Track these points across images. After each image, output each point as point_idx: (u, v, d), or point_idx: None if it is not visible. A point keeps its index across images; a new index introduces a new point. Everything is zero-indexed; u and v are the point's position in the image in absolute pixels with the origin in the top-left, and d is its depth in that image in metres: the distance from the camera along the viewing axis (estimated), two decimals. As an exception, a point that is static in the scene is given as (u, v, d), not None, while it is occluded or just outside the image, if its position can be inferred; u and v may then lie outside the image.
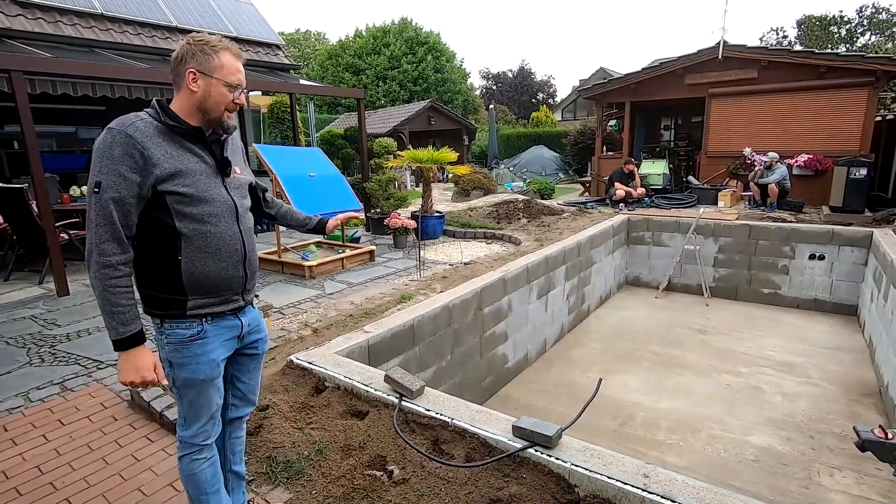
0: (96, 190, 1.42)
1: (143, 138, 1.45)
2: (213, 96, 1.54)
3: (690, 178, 10.63)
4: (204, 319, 1.60)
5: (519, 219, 8.38)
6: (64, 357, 3.47)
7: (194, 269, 1.54)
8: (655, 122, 13.72)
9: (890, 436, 1.15)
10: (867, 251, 6.67)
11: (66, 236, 5.55)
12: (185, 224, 1.52)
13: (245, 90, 1.65)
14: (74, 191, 6.59)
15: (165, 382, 1.56)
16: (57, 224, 5.03)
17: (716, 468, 3.93)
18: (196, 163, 1.56)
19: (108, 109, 8.23)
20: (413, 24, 27.90)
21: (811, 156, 8.95)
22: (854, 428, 1.25)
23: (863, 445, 1.20)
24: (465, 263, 5.74)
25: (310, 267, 5.39)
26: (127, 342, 1.47)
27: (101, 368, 3.29)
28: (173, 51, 1.59)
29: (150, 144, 1.46)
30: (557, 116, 28.37)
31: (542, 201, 10.14)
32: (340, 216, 2.20)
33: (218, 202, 1.59)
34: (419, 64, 26.31)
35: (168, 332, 1.56)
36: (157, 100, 1.56)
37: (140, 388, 1.61)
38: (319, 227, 2.10)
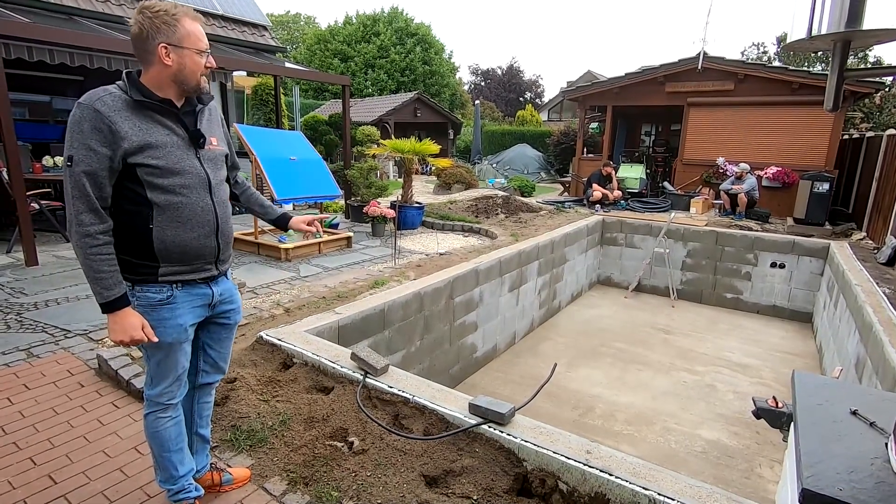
0: (69, 164, 1.48)
1: (111, 112, 1.49)
2: (188, 66, 1.57)
3: (666, 183, 10.92)
4: (174, 285, 1.66)
5: (497, 214, 8.52)
6: (31, 325, 3.46)
7: (165, 237, 1.59)
8: (636, 127, 14.02)
9: (780, 405, 1.31)
10: (824, 262, 7.01)
11: (36, 206, 5.47)
12: (156, 194, 1.56)
13: (208, 52, 1.64)
14: (47, 161, 6.47)
15: (156, 339, 1.63)
16: (28, 193, 4.96)
17: (666, 458, 4.14)
18: (167, 135, 1.59)
19: (86, 80, 8.06)
20: (404, 14, 27.77)
21: (779, 168, 9.31)
22: (752, 398, 1.40)
23: (757, 413, 1.36)
24: (441, 254, 5.85)
25: (286, 249, 5.42)
26: (111, 305, 1.55)
27: (68, 337, 3.30)
28: None
29: (117, 119, 1.49)
30: (543, 116, 28.64)
31: (522, 198, 10.31)
32: (310, 217, 2.07)
33: (190, 174, 1.62)
34: (408, 55, 26.25)
35: (139, 294, 1.62)
36: (126, 72, 1.59)
37: (130, 346, 1.68)
38: (282, 221, 2.05)
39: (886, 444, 0.89)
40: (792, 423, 1.18)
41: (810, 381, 1.18)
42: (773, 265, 7.45)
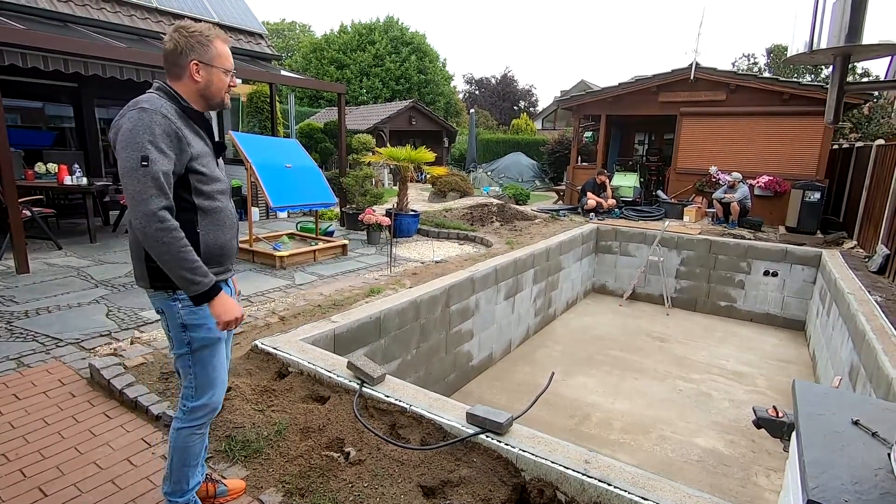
0: (145, 164, 1.49)
1: (175, 119, 1.58)
2: (214, 83, 1.68)
3: (659, 192, 10.99)
4: None
5: (492, 222, 8.53)
6: (21, 334, 3.41)
7: (209, 240, 1.69)
8: (630, 136, 14.13)
9: (780, 415, 1.31)
10: (816, 270, 7.07)
11: (28, 213, 5.42)
12: (202, 200, 1.67)
13: (234, 72, 1.78)
14: (40, 167, 6.41)
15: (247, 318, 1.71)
16: (20, 200, 4.91)
17: (663, 466, 4.13)
18: (204, 144, 1.71)
19: (80, 87, 8.03)
20: (399, 23, 27.94)
21: (771, 178, 9.40)
22: (753, 408, 1.40)
23: (758, 423, 1.36)
24: (437, 262, 5.84)
25: (281, 257, 5.39)
26: (212, 290, 1.60)
27: (60, 346, 3.25)
28: (153, 31, 1.67)
29: (181, 125, 1.59)
30: (537, 125, 28.84)
31: (517, 206, 10.34)
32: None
33: (221, 181, 1.77)
34: (403, 63, 26.38)
35: (182, 297, 1.66)
36: (162, 84, 1.65)
37: (234, 328, 1.73)
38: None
39: (889, 455, 0.90)
40: (793, 433, 1.17)
41: (811, 391, 1.18)
42: (766, 273, 7.50)
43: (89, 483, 2.10)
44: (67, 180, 5.95)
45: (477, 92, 36.51)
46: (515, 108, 34.83)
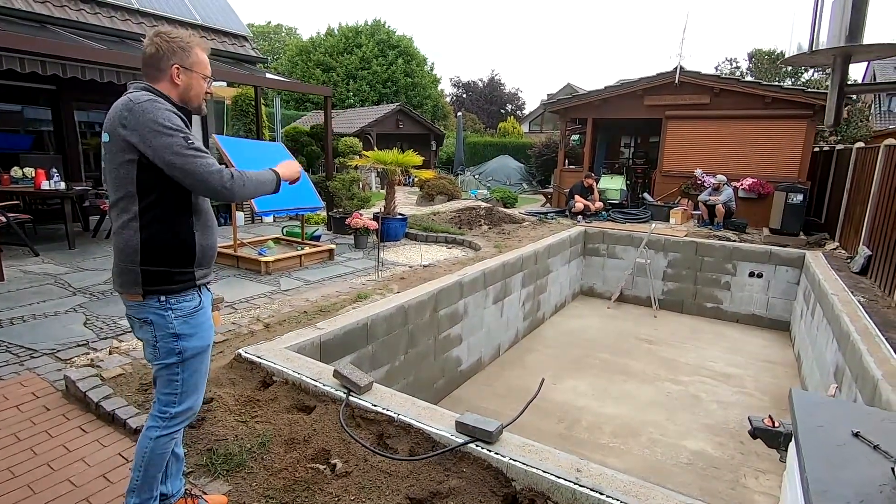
0: (189, 142, 1.57)
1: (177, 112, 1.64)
2: (193, 88, 1.72)
3: (646, 194, 11.07)
4: (199, 291, 1.74)
5: (480, 225, 8.51)
6: (-6, 344, 3.28)
7: (203, 242, 1.72)
8: (616, 139, 14.23)
9: (776, 425, 1.29)
10: (800, 271, 7.15)
11: (3, 219, 5.26)
12: (195, 200, 1.70)
13: (212, 79, 1.81)
14: (16, 172, 6.23)
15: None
16: (-6, 205, 4.76)
17: (653, 470, 4.12)
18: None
19: (59, 89, 7.85)
20: (386, 26, 27.91)
21: (755, 180, 9.52)
22: (749, 418, 1.38)
23: (754, 433, 1.34)
24: (425, 266, 5.79)
25: (266, 263, 5.30)
26: (276, 175, 1.82)
27: (34, 357, 3.14)
28: (134, 33, 1.65)
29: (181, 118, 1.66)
30: (524, 128, 28.97)
31: (504, 209, 10.33)
32: None
33: None
34: (390, 66, 26.34)
35: (175, 306, 1.65)
36: (147, 85, 1.65)
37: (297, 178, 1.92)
38: None
39: (893, 470, 0.87)
40: (791, 444, 1.15)
41: (809, 400, 1.16)
42: (752, 275, 7.57)
43: (62, 502, 2.01)
44: (45, 185, 5.79)
45: (464, 95, 36.56)
46: (502, 111, 34.94)
